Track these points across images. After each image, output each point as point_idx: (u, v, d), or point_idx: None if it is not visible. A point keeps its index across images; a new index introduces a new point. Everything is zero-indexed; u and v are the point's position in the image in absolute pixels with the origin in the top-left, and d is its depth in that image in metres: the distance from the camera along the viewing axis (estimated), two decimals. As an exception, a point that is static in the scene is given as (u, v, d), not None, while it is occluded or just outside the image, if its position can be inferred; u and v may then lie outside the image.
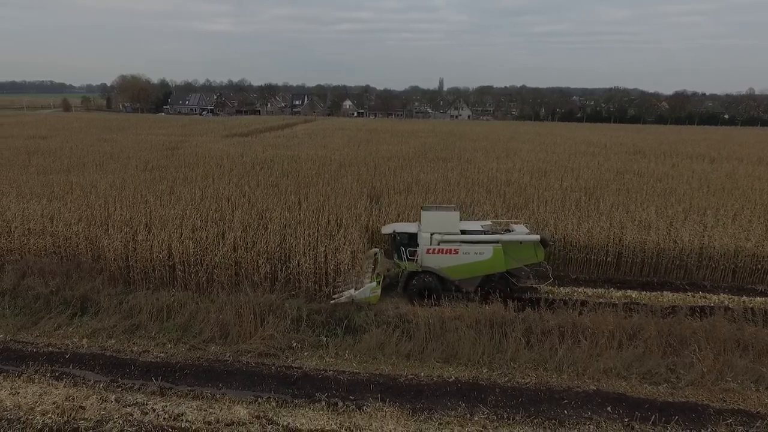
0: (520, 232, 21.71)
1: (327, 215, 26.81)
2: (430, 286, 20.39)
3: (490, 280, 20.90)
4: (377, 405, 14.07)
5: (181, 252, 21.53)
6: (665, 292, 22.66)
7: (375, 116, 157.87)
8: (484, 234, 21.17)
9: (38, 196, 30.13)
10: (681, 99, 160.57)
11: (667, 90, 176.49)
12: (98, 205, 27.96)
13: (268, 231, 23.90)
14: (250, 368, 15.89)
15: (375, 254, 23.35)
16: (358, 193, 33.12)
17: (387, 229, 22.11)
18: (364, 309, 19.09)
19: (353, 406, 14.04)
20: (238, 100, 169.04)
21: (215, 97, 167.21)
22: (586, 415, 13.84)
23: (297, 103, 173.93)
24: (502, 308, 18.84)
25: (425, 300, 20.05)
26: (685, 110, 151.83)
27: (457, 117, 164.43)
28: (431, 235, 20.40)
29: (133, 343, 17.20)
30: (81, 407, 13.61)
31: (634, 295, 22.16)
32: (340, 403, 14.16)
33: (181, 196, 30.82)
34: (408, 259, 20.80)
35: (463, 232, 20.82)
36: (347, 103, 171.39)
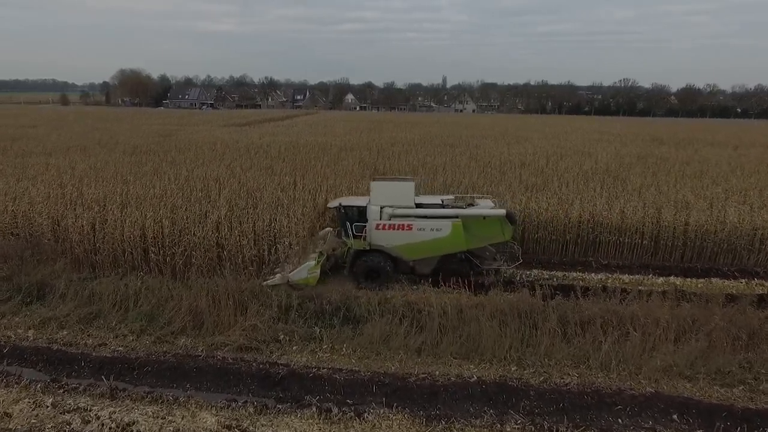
0: (485, 206, 18.79)
1: (325, 195, 23.95)
2: (378, 267, 17.70)
3: (450, 261, 18.08)
4: (381, 411, 11.19)
5: (155, 232, 18.69)
6: (713, 279, 19.62)
7: (378, 110, 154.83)
8: (443, 208, 18.14)
9: (7, 176, 27.38)
10: (691, 93, 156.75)
11: (674, 87, 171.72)
12: (71, 185, 25.17)
13: (258, 210, 21.05)
14: (226, 365, 12.98)
15: (327, 234, 20.50)
16: (359, 174, 30.20)
17: (334, 203, 19.17)
18: (363, 296, 16.19)
19: (351, 413, 11.14)
20: (239, 94, 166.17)
21: (215, 91, 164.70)
22: (646, 425, 10.89)
23: (298, 97, 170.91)
24: (528, 295, 15.93)
25: (373, 283, 17.48)
26: (696, 103, 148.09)
27: (461, 111, 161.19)
28: (381, 208, 17.52)
29: (89, 335, 14.32)
30: (6, 414, 10.76)
31: (678, 283, 19.11)
32: (335, 409, 11.26)
33: (165, 177, 27.95)
34: (354, 236, 17.98)
35: (419, 206, 18.09)
36: (349, 97, 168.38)
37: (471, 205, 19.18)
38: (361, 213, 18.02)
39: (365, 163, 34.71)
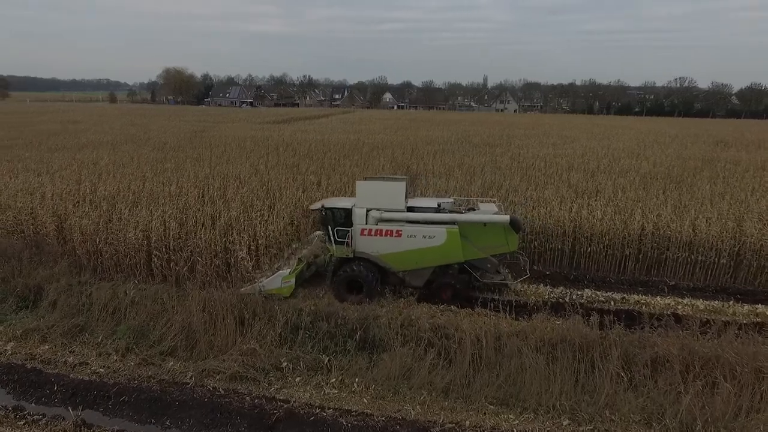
0: (487, 211, 16.03)
1: (350, 195, 21.76)
2: (361, 278, 15.35)
3: (445, 273, 15.68)
4: (395, 475, 8.83)
5: (160, 234, 17.04)
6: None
7: (416, 109, 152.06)
8: (438, 212, 15.68)
9: (30, 171, 26.74)
10: (756, 92, 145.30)
11: (736, 87, 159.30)
12: (89, 181, 24.14)
13: (274, 211, 19.16)
14: (216, 398, 10.96)
15: (316, 238, 18.15)
16: (391, 173, 27.89)
17: (316, 205, 16.77)
18: (384, 317, 13.85)
19: (357, 476, 8.85)
20: (278, 93, 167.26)
21: (255, 90, 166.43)
22: None
23: (336, 96, 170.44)
24: (582, 323, 13.16)
25: (355, 296, 15.30)
26: (762, 104, 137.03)
27: (502, 110, 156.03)
28: (367, 211, 15.29)
29: (71, 351, 12.67)
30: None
31: (768, 312, 15.77)
32: (337, 469, 9.01)
33: (185, 174, 26.59)
34: (337, 242, 15.58)
35: (411, 210, 15.71)
36: (387, 96, 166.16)
37: (472, 209, 16.57)
38: (348, 216, 15.55)
39: (397, 163, 32.41)
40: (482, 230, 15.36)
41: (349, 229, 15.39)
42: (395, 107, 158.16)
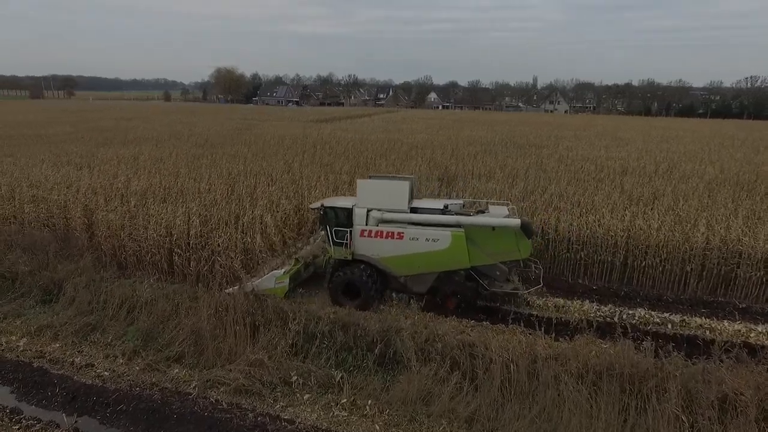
0: (497, 214, 14.72)
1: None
2: (358, 282, 14.45)
3: (450, 279, 14.57)
4: None
5: (182, 231, 16.58)
6: None
7: (461, 109, 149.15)
8: (443, 214, 14.50)
9: (73, 165, 27.39)
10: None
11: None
12: (125, 175, 24.31)
13: (300, 212, 18.38)
14: (217, 413, 10.13)
15: (319, 238, 17.09)
16: (426, 175, 26.61)
17: (316, 204, 15.96)
18: (408, 330, 12.62)
19: None
20: (323, 92, 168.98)
21: (301, 89, 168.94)
22: None
23: (381, 96, 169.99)
24: (633, 350, 11.43)
25: (352, 301, 14.38)
26: None
27: (552, 111, 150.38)
28: (368, 212, 14.44)
29: (80, 351, 12.26)
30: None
31: None
32: None
33: (217, 170, 26.39)
34: (335, 243, 14.69)
35: (415, 211, 14.69)
36: (432, 96, 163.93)
37: (482, 212, 15.19)
38: (349, 216, 14.72)
39: (435, 163, 31.04)
40: (491, 235, 14.12)
41: (347, 229, 14.54)
42: (440, 107, 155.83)
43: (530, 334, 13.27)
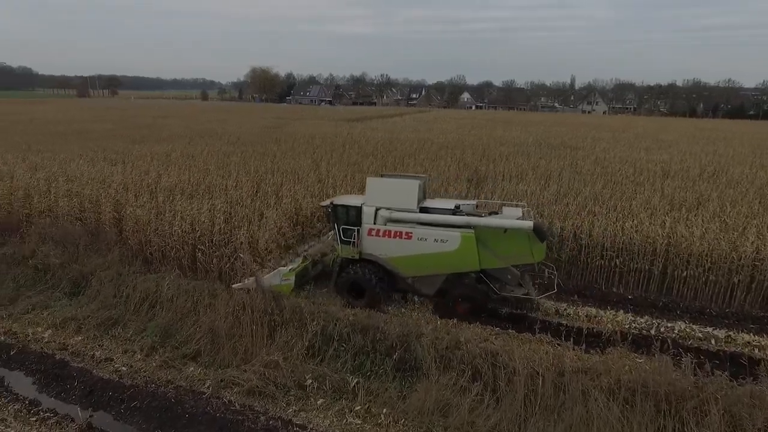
0: (510, 216, 14.12)
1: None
2: (364, 282, 14.30)
3: (460, 282, 14.21)
4: None
5: (206, 228, 16.61)
6: None
7: (495, 109, 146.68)
8: (454, 215, 14.07)
9: (107, 161, 28.13)
10: None
11: None
12: (156, 171, 24.75)
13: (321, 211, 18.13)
14: (229, 414, 9.95)
15: (329, 236, 16.89)
16: (454, 175, 25.99)
17: (326, 202, 15.81)
18: (429, 335, 12.15)
19: None
20: (356, 92, 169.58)
21: (334, 89, 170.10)
22: None
23: (413, 96, 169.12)
24: (671, 366, 10.60)
25: (358, 300, 14.23)
26: None
27: (589, 112, 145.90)
28: (376, 210, 14.22)
29: (100, 345, 12.37)
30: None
31: None
32: None
33: (245, 168, 26.55)
34: (343, 242, 14.53)
35: (424, 211, 14.36)
36: (465, 96, 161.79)
37: (495, 213, 14.63)
38: (358, 215, 14.53)
39: (465, 164, 30.32)
40: (502, 237, 13.58)
41: (355, 228, 14.39)
42: (473, 107, 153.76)
43: (558, 344, 12.55)
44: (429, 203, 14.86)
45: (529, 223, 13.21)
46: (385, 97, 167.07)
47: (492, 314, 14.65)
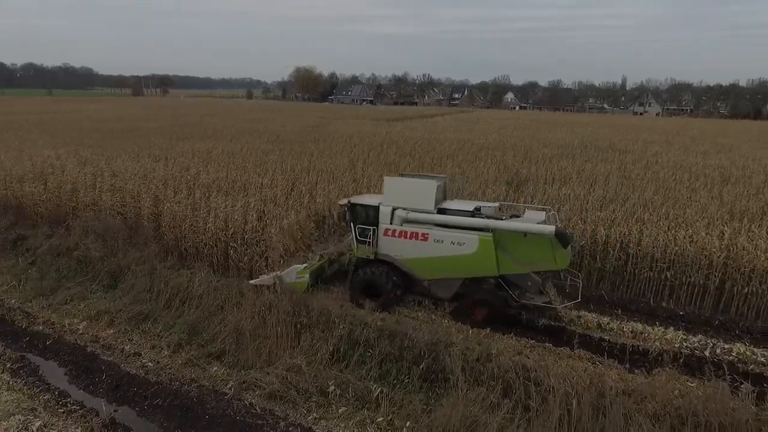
0: (532, 220, 13.36)
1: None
2: (378, 283, 14.03)
3: (477, 287, 13.71)
4: None
5: (239, 225, 16.66)
6: None
7: (540, 110, 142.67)
8: (472, 217, 13.57)
9: (151, 157, 29.00)
10: None
11: None
12: (196, 168, 25.24)
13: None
14: (249, 417, 9.76)
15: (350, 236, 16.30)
16: (493, 177, 25.11)
17: (344, 201, 15.48)
18: (459, 345, 11.59)
19: None
20: (397, 92, 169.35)
21: (376, 89, 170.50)
22: None
23: (456, 96, 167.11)
24: (728, 393, 9.61)
25: (372, 302, 13.80)
26: None
27: (641, 114, 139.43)
28: (393, 210, 13.90)
29: (130, 339, 12.52)
30: (-12, 432, 9.04)
31: None
32: None
33: (282, 166, 26.68)
34: (359, 241, 14.33)
35: (442, 212, 13.92)
36: (509, 96, 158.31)
37: (516, 216, 13.98)
38: (375, 214, 14.30)
39: (506, 166, 29.30)
40: (522, 241, 12.93)
41: (371, 227, 14.18)
42: (517, 108, 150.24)
43: (599, 362, 11.80)
44: (448, 204, 14.44)
45: (551, 228, 12.51)
46: (426, 97, 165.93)
47: (528, 325, 13.90)
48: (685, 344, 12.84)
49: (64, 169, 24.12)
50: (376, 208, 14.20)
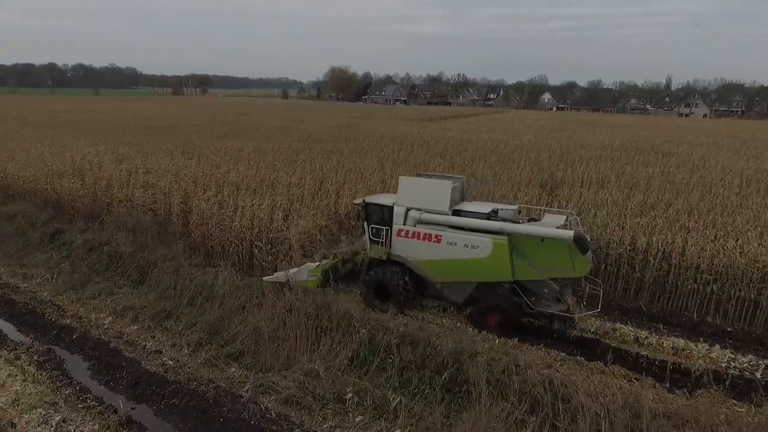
0: (550, 224, 12.83)
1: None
2: (389, 284, 13.77)
3: (492, 292, 13.26)
4: None
5: (264, 224, 16.60)
6: None
7: (578, 110, 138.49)
8: (488, 220, 13.04)
9: (185, 154, 29.54)
10: None
11: None
12: (226, 166, 25.50)
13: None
14: (264, 422, 9.53)
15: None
16: (526, 180, 24.26)
17: (359, 200, 15.17)
18: (484, 355, 11.06)
19: None
20: (431, 92, 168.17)
21: (409, 89, 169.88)
22: None
23: (491, 96, 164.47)
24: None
25: (384, 303, 13.74)
26: None
27: (687, 115, 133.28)
28: (407, 211, 13.63)
29: (152, 336, 12.55)
30: (11, 424, 9.14)
31: None
32: None
33: (310, 166, 26.63)
34: (372, 241, 14.23)
35: (457, 213, 13.47)
36: (546, 96, 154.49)
37: (534, 220, 13.49)
38: (390, 214, 14.04)
39: (540, 167, 28.32)
40: (539, 246, 12.36)
41: (383, 227, 14.00)
42: (554, 108, 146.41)
43: (635, 379, 11.00)
44: (464, 206, 13.97)
45: (569, 233, 11.87)
46: (461, 97, 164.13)
47: (559, 336, 13.18)
48: (732, 364, 11.85)
49: (101, 166, 24.83)
50: (390, 208, 13.99)
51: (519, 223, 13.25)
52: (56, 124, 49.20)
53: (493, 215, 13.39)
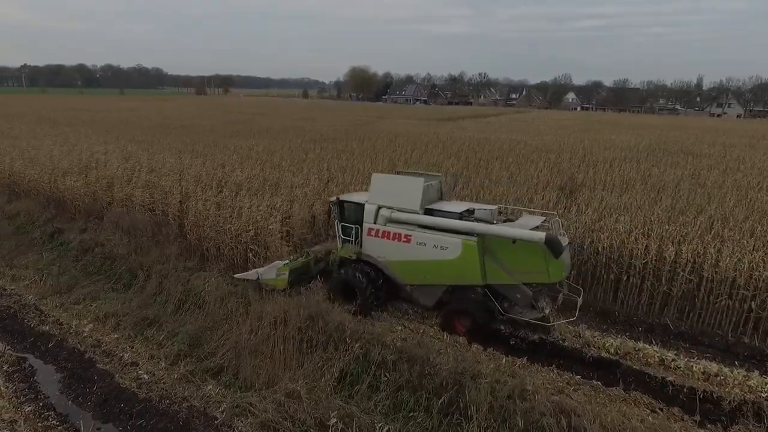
0: (526, 225, 11.98)
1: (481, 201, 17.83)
2: (356, 284, 13.07)
3: (462, 296, 12.50)
4: None
5: (261, 225, 15.70)
6: None
7: (604, 111, 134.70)
8: (461, 220, 12.30)
9: (191, 153, 29.01)
10: None
11: None
12: (231, 165, 24.79)
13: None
14: (235, 451, 8.55)
15: None
16: (543, 182, 22.85)
17: (333, 198, 14.80)
18: (488, 377, 9.90)
19: None
20: (452, 91, 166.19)
21: (430, 88, 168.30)
22: None
23: (513, 96, 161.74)
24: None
25: (349, 303, 12.92)
26: None
27: (719, 115, 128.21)
28: (378, 209, 13.08)
29: (131, 346, 11.71)
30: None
31: None
32: None
33: (319, 165, 25.74)
34: (343, 240, 13.87)
35: (430, 213, 12.74)
36: (570, 96, 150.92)
37: (510, 221, 12.51)
38: (361, 213, 13.54)
39: (559, 169, 26.84)
40: (511, 249, 11.51)
41: (353, 226, 13.53)
42: (578, 108, 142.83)
43: (661, 409, 9.71)
44: (440, 205, 13.16)
45: (540, 235, 10.92)
46: (482, 97, 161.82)
47: (576, 357, 11.87)
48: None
49: (107, 164, 24.41)
50: (362, 206, 13.43)
51: (492, 223, 12.27)
52: (74, 123, 49.60)
53: (466, 215, 12.55)
